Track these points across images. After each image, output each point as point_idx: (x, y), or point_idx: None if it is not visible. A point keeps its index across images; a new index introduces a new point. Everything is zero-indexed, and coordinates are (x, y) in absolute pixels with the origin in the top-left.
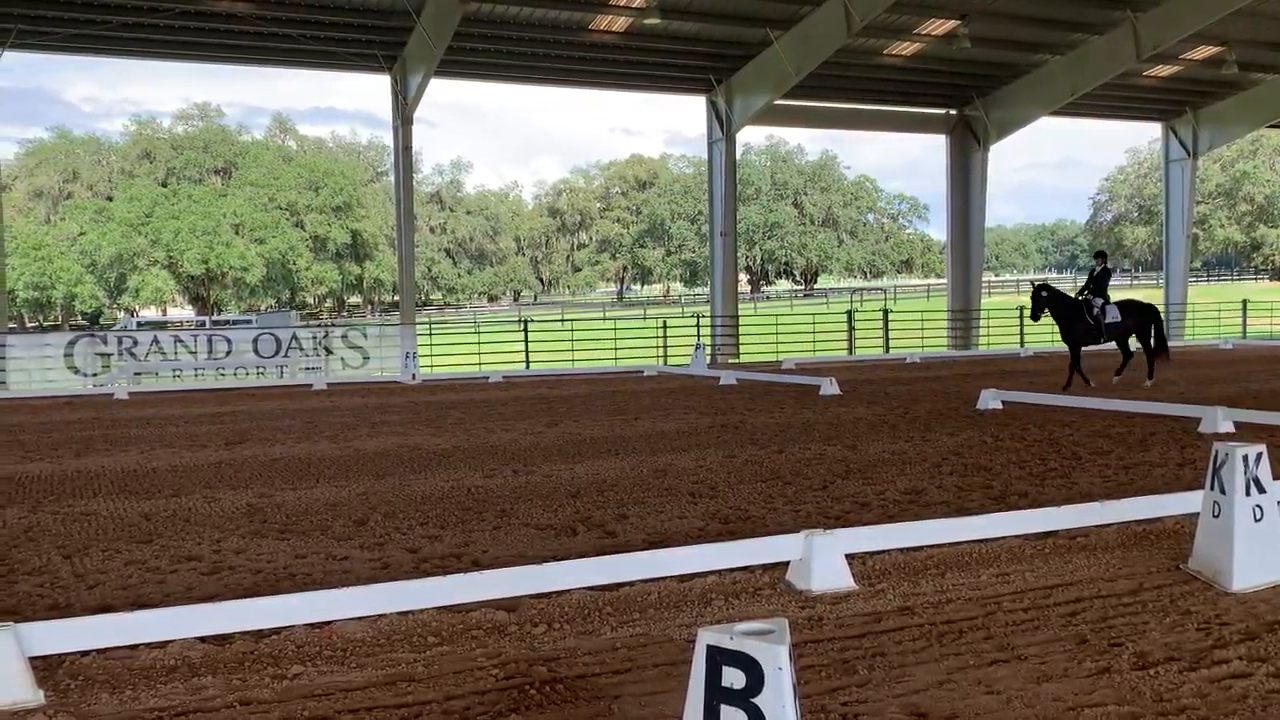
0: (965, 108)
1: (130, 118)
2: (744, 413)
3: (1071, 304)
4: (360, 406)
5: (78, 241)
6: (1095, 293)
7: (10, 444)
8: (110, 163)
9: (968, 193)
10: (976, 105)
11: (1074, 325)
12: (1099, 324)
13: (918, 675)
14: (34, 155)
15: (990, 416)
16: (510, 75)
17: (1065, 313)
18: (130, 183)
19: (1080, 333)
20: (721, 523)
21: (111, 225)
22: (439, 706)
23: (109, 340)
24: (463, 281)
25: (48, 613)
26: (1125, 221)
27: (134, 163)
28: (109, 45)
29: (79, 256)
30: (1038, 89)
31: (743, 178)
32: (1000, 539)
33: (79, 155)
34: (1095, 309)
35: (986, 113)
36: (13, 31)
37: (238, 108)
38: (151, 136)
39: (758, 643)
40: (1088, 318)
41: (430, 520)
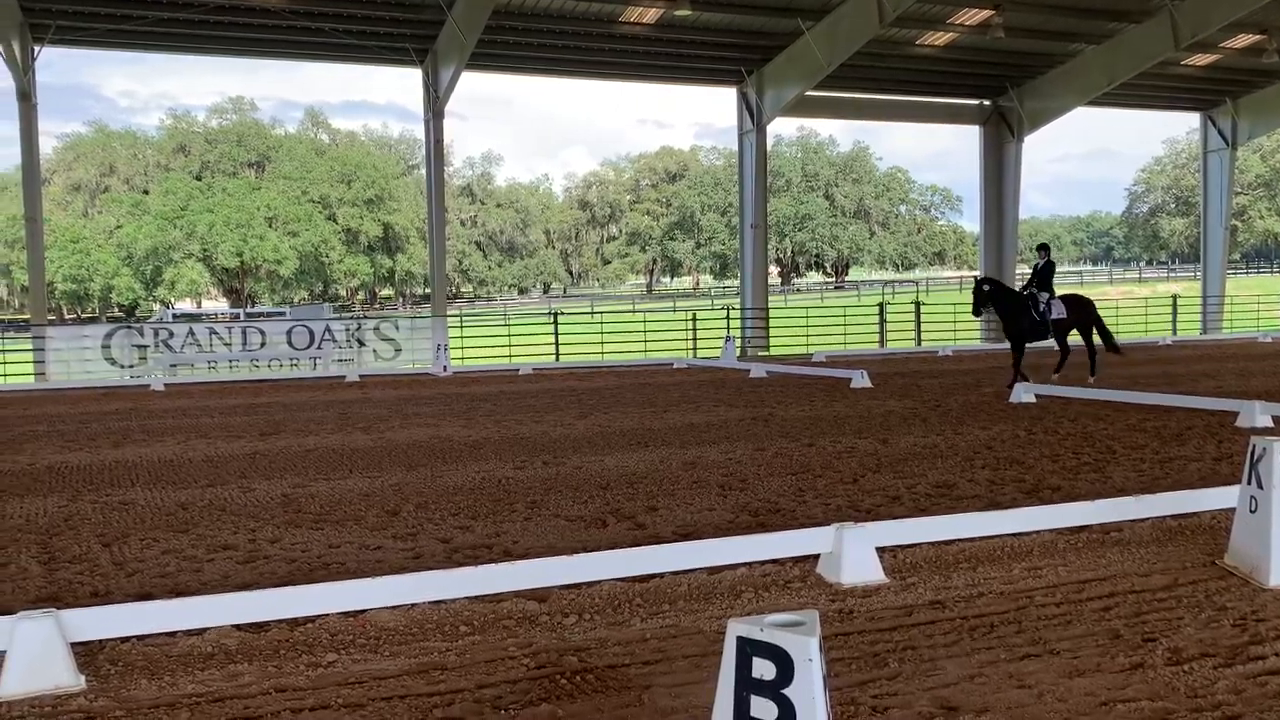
0: (999, 98)
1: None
2: (774, 405)
3: (1016, 299)
4: (392, 398)
5: (115, 234)
6: (1040, 287)
7: (50, 434)
8: (146, 156)
9: (1001, 184)
10: (1010, 95)
11: (1019, 320)
12: (1044, 319)
13: (948, 669)
14: (72, 149)
15: (1023, 410)
16: (540, 68)
17: (1010, 308)
18: (166, 176)
19: (1025, 328)
20: (751, 515)
21: (147, 218)
22: (471, 695)
23: (145, 332)
24: (493, 274)
25: (88, 599)
26: (1162, 213)
27: (169, 156)
28: (145, 40)
29: (116, 249)
30: (1073, 79)
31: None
32: (1033, 533)
33: (116, 149)
34: (1041, 304)
35: (1020, 103)
36: (51, 27)
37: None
38: (187, 130)
39: (788, 634)
40: (1033, 313)
41: (461, 511)
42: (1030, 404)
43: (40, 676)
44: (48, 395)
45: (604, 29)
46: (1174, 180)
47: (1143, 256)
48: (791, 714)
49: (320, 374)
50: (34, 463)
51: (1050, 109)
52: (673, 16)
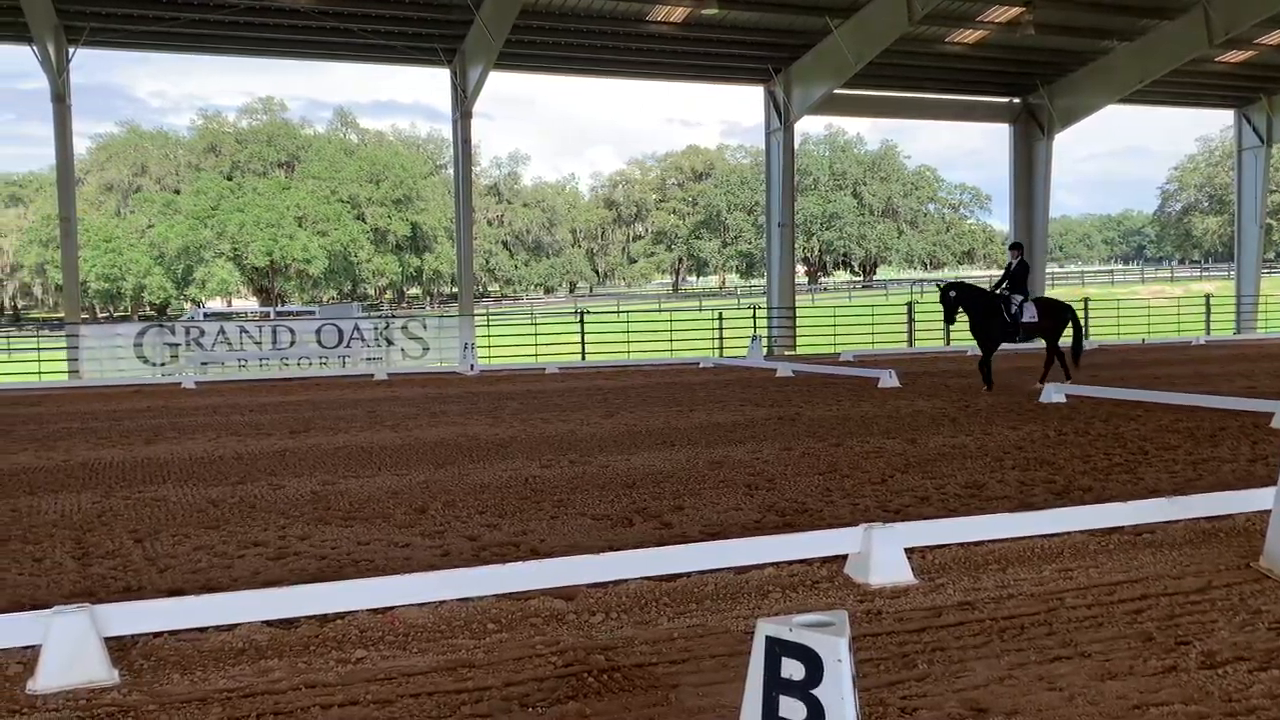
0: (1029, 96)
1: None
2: (801, 405)
3: (988, 300)
4: (420, 396)
5: (146, 234)
6: (1013, 288)
7: (84, 431)
8: (178, 156)
9: (1031, 182)
10: (1041, 93)
11: (989, 322)
12: (1016, 322)
13: (978, 670)
14: (105, 150)
15: (1053, 410)
16: (568, 67)
17: (980, 309)
18: (197, 176)
19: (996, 330)
20: (778, 515)
21: (179, 218)
22: (499, 693)
23: (177, 331)
24: (520, 273)
25: (121, 595)
26: (1195, 211)
27: (200, 156)
28: (177, 41)
29: (148, 248)
30: (1105, 76)
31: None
32: (1063, 534)
33: (148, 149)
34: (1014, 306)
35: (1051, 101)
36: (85, 29)
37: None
38: (217, 130)
39: (817, 635)
40: (1005, 315)
41: (489, 509)
42: (1060, 404)
43: (75, 671)
44: (81, 393)
45: (631, 28)
46: (1207, 178)
47: (1175, 255)
48: (820, 714)
49: (349, 372)
50: (68, 459)
51: (1081, 107)
52: (700, 15)
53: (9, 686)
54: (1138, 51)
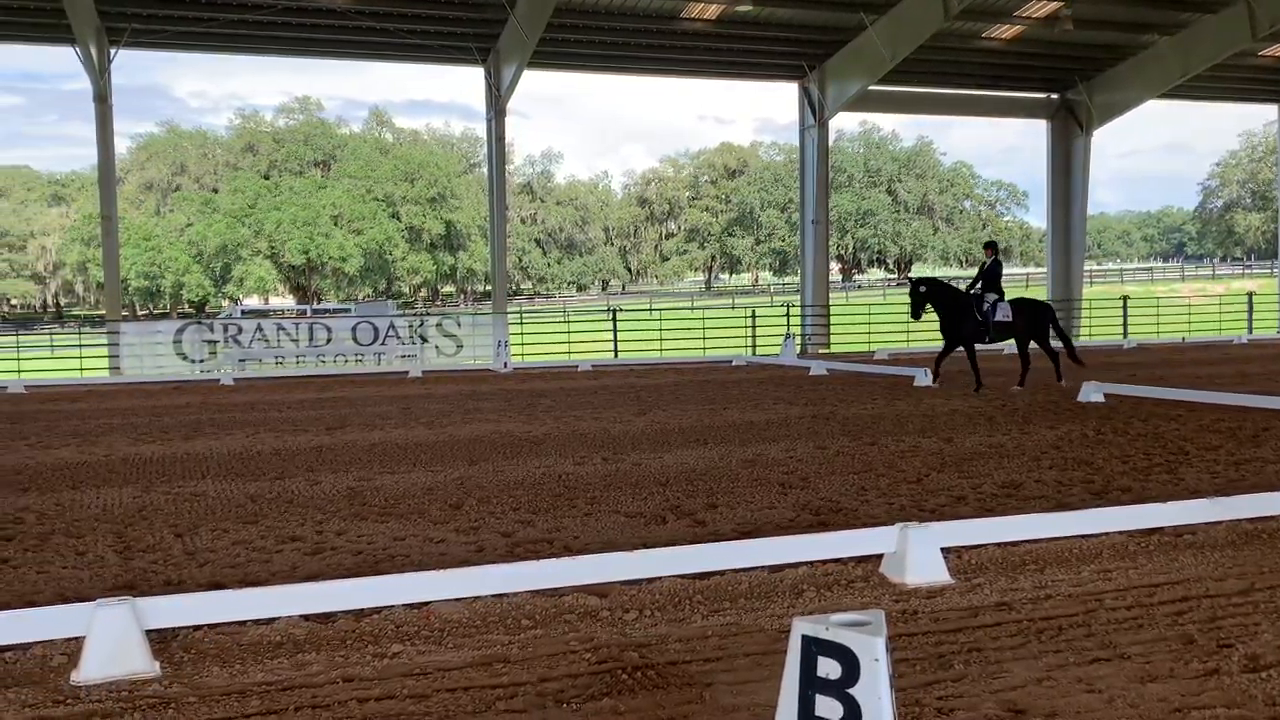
0: (1067, 91)
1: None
2: (835, 403)
3: (959, 299)
4: (454, 394)
5: (185, 232)
6: (986, 288)
7: (124, 427)
8: (216, 156)
9: (1069, 179)
10: (1079, 89)
11: (960, 322)
12: (987, 322)
13: (1015, 671)
14: (145, 149)
15: (1092, 409)
16: (602, 65)
17: (951, 308)
18: (235, 175)
19: (967, 331)
20: (813, 514)
21: (217, 216)
22: (533, 689)
23: (215, 328)
24: (552, 271)
25: (162, 588)
26: (1237, 208)
27: (238, 155)
28: (216, 42)
29: (187, 246)
30: (1145, 71)
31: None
32: (1102, 535)
33: (187, 149)
34: (986, 305)
35: (1090, 96)
36: (126, 31)
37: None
38: (255, 130)
39: (854, 634)
40: (976, 314)
41: (523, 505)
42: (1099, 403)
43: (117, 662)
44: (122, 389)
45: (665, 25)
46: (1250, 174)
47: (1216, 253)
48: (857, 714)
49: (384, 370)
50: (110, 454)
51: (1121, 102)
52: (734, 12)
53: (54, 677)
54: (1179, 45)
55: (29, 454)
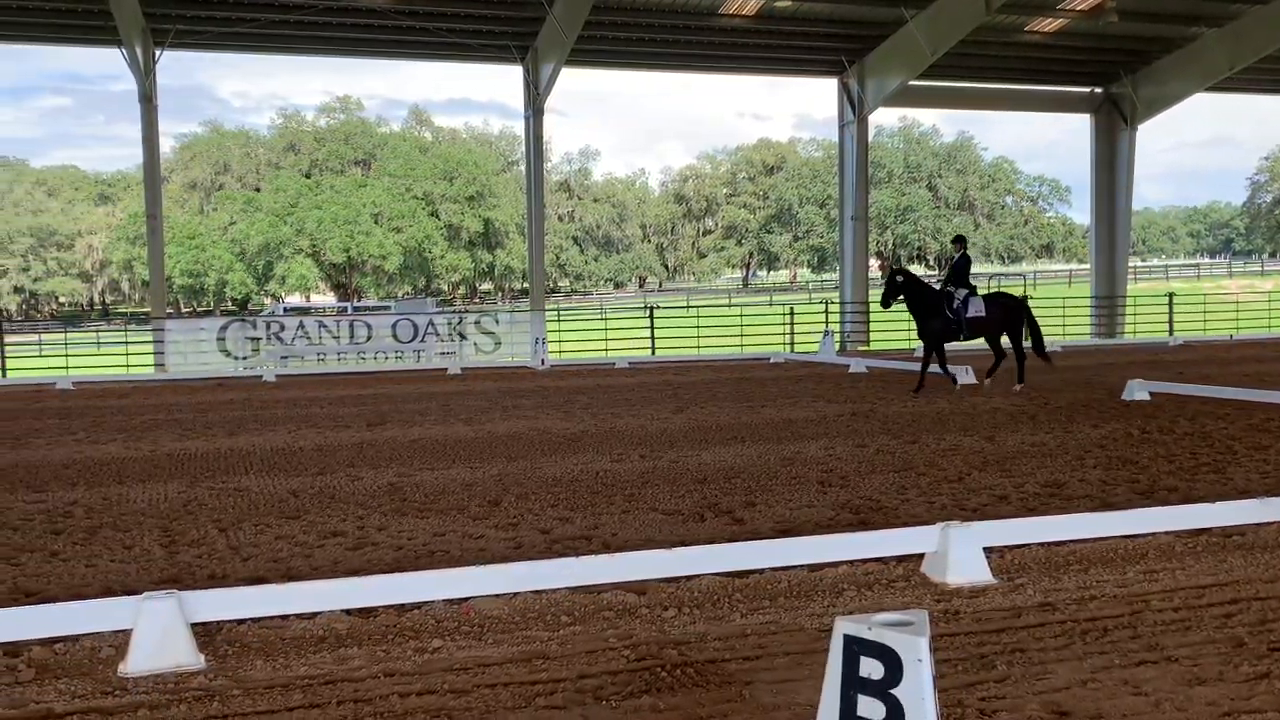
0: (1111, 85)
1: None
2: (875, 401)
3: (931, 295)
4: (492, 391)
5: (228, 230)
6: (956, 283)
7: (169, 423)
8: (258, 155)
9: (1113, 174)
10: (1124, 82)
11: (931, 319)
12: (959, 319)
13: (1059, 673)
14: (189, 149)
15: (1137, 408)
16: (639, 62)
17: (922, 304)
18: (277, 174)
19: (937, 328)
20: (852, 513)
21: (259, 215)
22: (572, 685)
23: (258, 325)
24: (590, 269)
25: (207, 582)
26: None
27: (280, 155)
28: (258, 42)
29: (230, 245)
30: (1191, 63)
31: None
32: (1148, 535)
33: (229, 148)
34: (956, 302)
35: (1134, 90)
36: (171, 32)
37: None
38: (296, 129)
39: (897, 634)
40: (947, 311)
41: (561, 502)
42: (1144, 401)
43: (163, 655)
44: (167, 385)
45: (703, 21)
46: None
47: (1265, 249)
48: (900, 714)
49: (423, 366)
50: (155, 450)
51: (1167, 96)
52: (773, 7)
53: (102, 669)
54: (1227, 37)
55: (77, 449)
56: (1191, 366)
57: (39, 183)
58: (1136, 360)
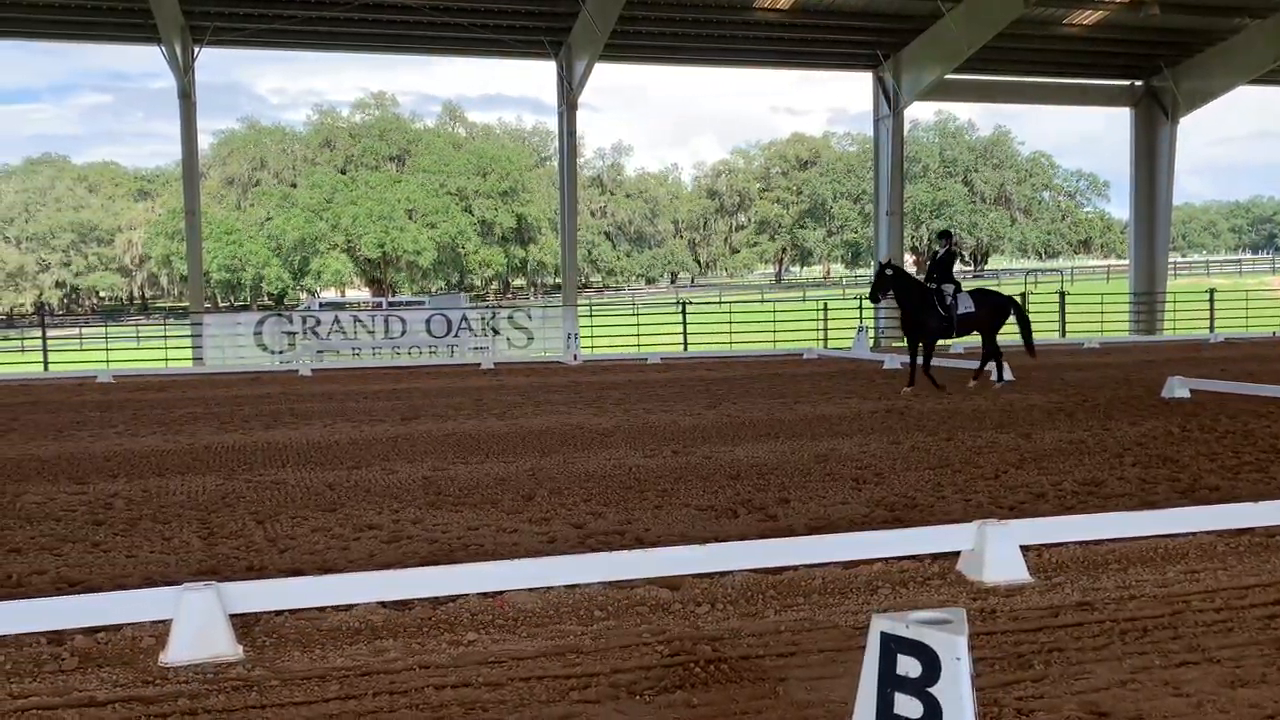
0: (1152, 78)
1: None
2: (909, 398)
3: (922, 292)
4: (525, 385)
5: (265, 226)
6: (941, 279)
7: (207, 416)
8: (294, 151)
9: (1153, 168)
10: (1165, 75)
11: (925, 317)
12: (951, 316)
13: (1098, 673)
14: (226, 145)
15: (1177, 405)
16: (673, 57)
17: (914, 301)
18: (312, 170)
19: (933, 325)
20: (887, 510)
21: (295, 211)
22: (606, 679)
23: (294, 320)
24: (622, 264)
25: (244, 574)
26: None
27: (316, 151)
28: (295, 39)
29: (266, 240)
30: (1235, 56)
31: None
32: (1189, 535)
33: (266, 144)
34: (947, 298)
35: (1176, 83)
36: (209, 29)
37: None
38: (332, 126)
39: (935, 632)
40: (939, 308)
41: (593, 497)
42: (1185, 399)
43: (203, 645)
44: (204, 379)
45: (737, 16)
46: None
47: None
48: (937, 713)
49: (457, 361)
50: (193, 443)
51: (1209, 89)
52: (807, 1)
53: (143, 658)
54: (1272, 28)
55: (118, 441)
56: (1233, 364)
57: (80, 179)
58: (1176, 357)
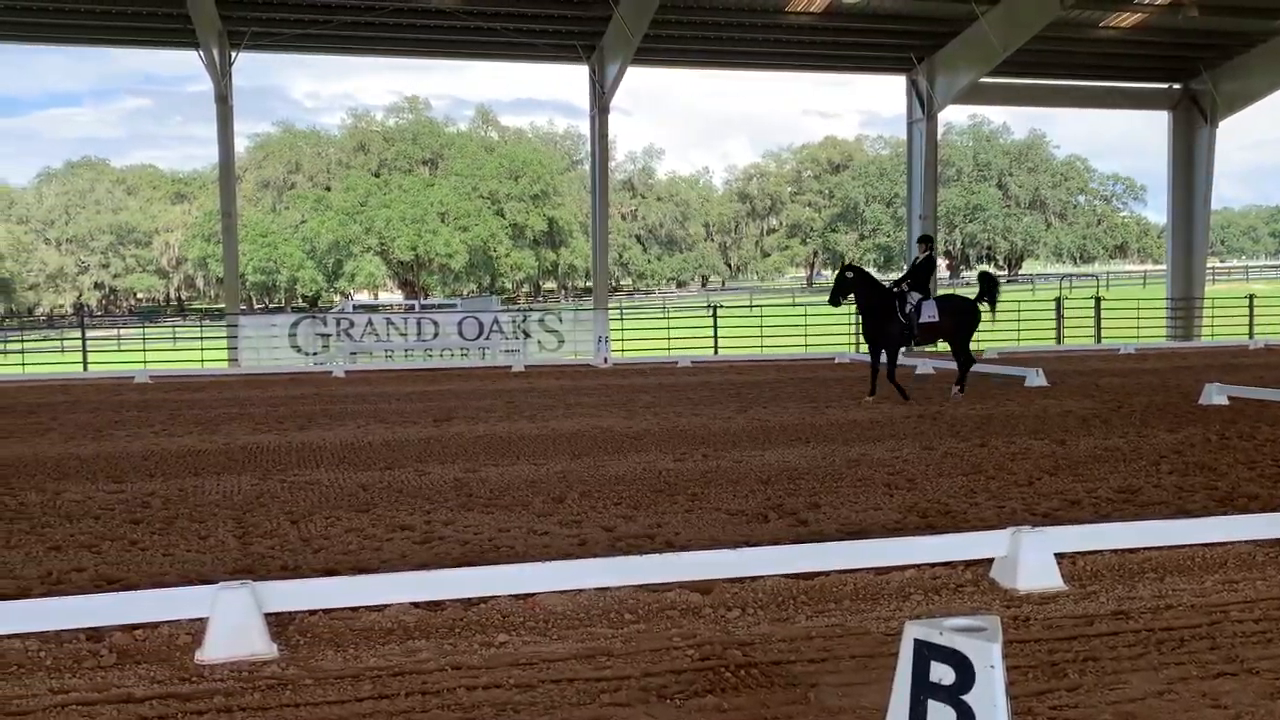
0: (1190, 81)
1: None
2: (942, 403)
3: (884, 297)
4: (556, 388)
5: (300, 229)
6: (914, 286)
7: (242, 417)
8: (329, 154)
9: (1191, 172)
10: (1204, 78)
11: (885, 323)
12: (912, 324)
13: (1133, 683)
14: (262, 148)
15: (1214, 413)
16: (705, 61)
17: (875, 306)
18: (346, 173)
19: (892, 333)
20: (920, 516)
21: (329, 214)
22: (636, 683)
23: (328, 322)
24: (652, 267)
25: (279, 573)
26: None
27: (350, 154)
28: (330, 44)
29: (301, 243)
30: (1275, 58)
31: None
32: (1227, 544)
33: (301, 148)
34: (909, 305)
35: (1215, 86)
36: (247, 34)
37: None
38: (366, 129)
39: (969, 639)
40: (899, 315)
41: (624, 500)
42: (1223, 406)
43: (238, 643)
44: (240, 380)
45: (769, 19)
46: None
47: None
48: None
49: (488, 364)
50: (229, 443)
51: (1249, 91)
52: (840, 4)
53: (179, 656)
54: None
55: (154, 441)
56: (1273, 370)
57: (119, 181)
58: (1214, 364)
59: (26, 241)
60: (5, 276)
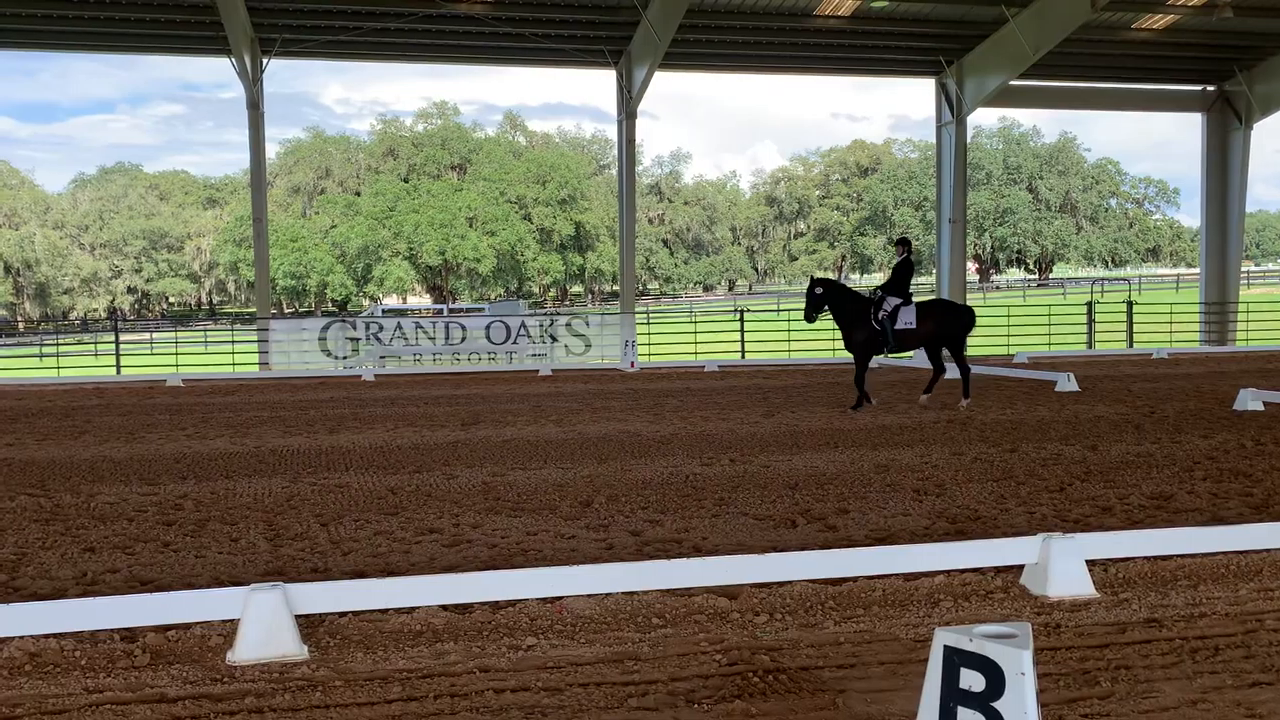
0: (1225, 83)
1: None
2: (972, 408)
3: (857, 303)
4: (582, 392)
5: (329, 234)
6: (892, 290)
7: (273, 420)
8: (358, 160)
9: (1225, 175)
10: (1238, 79)
11: (852, 330)
12: (885, 331)
13: (1167, 691)
14: (292, 154)
15: (1249, 418)
16: (733, 65)
17: (848, 314)
18: (376, 179)
19: (860, 339)
20: (949, 522)
21: (359, 219)
22: (664, 687)
23: (358, 326)
24: (679, 271)
25: (309, 575)
26: None
27: (379, 160)
28: (360, 50)
29: (330, 248)
30: None
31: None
32: (1263, 551)
33: (331, 153)
34: (883, 311)
35: (1250, 87)
36: (278, 41)
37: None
38: (395, 135)
39: (999, 646)
40: (872, 321)
41: (651, 505)
42: (1258, 412)
43: (269, 645)
44: (270, 383)
45: (797, 23)
46: None
47: None
48: None
49: (516, 368)
50: (260, 446)
51: None
52: (869, 8)
53: (211, 656)
54: None
55: (187, 444)
56: None
57: (152, 187)
58: (1249, 369)
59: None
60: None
